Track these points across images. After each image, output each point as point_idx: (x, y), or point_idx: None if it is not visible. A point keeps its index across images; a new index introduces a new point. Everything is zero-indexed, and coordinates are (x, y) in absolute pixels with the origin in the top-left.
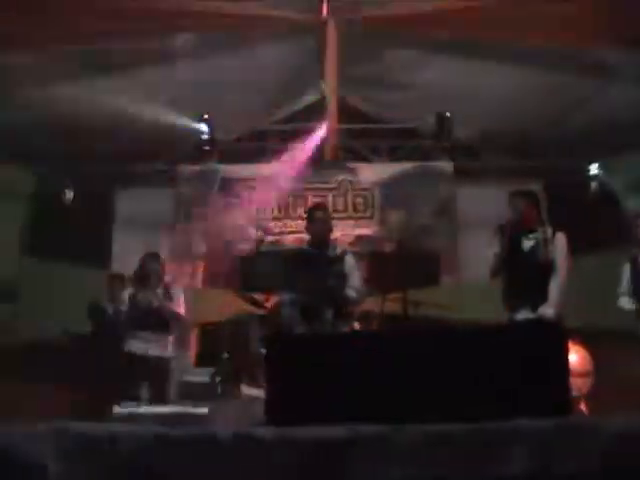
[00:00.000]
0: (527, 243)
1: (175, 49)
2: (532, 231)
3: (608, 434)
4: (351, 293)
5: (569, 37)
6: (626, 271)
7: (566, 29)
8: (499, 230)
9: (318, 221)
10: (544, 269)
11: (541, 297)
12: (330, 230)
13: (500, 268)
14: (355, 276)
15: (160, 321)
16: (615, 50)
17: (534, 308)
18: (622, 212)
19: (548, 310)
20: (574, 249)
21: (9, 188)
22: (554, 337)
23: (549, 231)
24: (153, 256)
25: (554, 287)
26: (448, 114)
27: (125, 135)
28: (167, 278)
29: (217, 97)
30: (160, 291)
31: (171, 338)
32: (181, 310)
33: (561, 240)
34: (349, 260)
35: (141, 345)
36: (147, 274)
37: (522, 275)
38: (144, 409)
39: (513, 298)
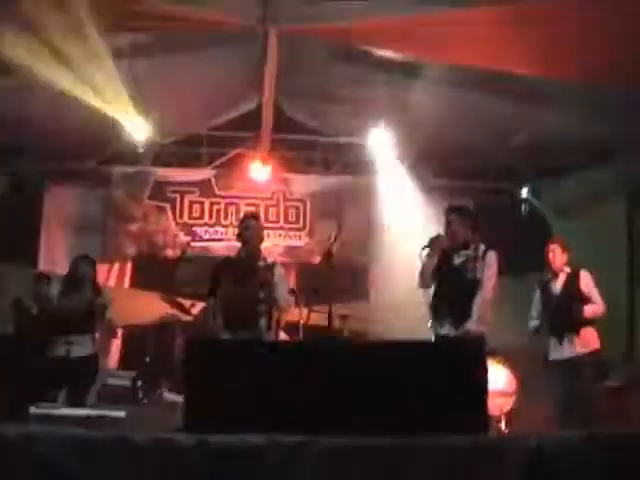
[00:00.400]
0: (457, 259)
1: (114, 47)
2: (465, 247)
3: (524, 451)
4: (279, 302)
5: (506, 62)
6: (536, 295)
7: (502, 54)
8: (430, 243)
9: (250, 230)
10: (471, 286)
11: (466, 314)
12: (261, 239)
13: (430, 280)
14: (282, 286)
15: (87, 323)
16: (549, 79)
17: (458, 324)
18: (548, 236)
19: (471, 326)
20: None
21: None
22: (474, 354)
23: (481, 248)
24: (84, 259)
25: (477, 304)
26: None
27: (56, 132)
28: (98, 281)
29: (155, 99)
30: (89, 294)
31: (96, 341)
32: (109, 314)
33: (491, 258)
34: (278, 270)
35: (66, 347)
36: (77, 276)
37: (450, 291)
38: (61, 411)
39: (439, 313)
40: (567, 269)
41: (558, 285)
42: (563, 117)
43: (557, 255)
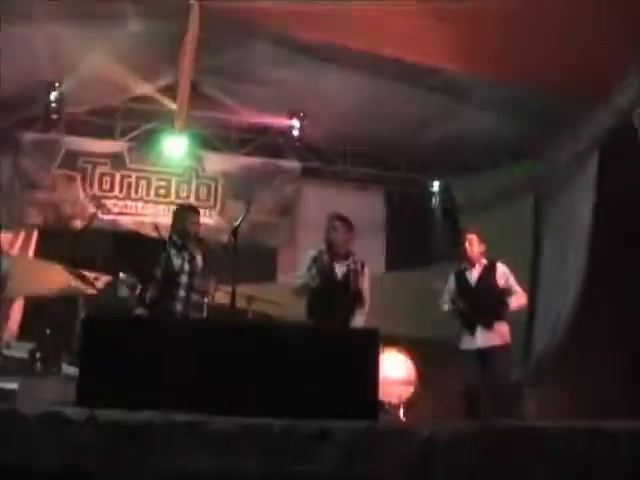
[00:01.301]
0: (339, 269)
1: (31, 10)
2: (345, 257)
3: (414, 440)
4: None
5: (428, 56)
6: (450, 283)
7: (426, 47)
8: (313, 260)
9: (193, 225)
10: (353, 294)
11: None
12: (197, 224)
13: (305, 291)
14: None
15: None
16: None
17: None
18: (456, 230)
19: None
20: (410, 261)
21: None
22: (366, 343)
23: (359, 261)
24: None
25: (359, 319)
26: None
27: None
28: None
29: (72, 65)
30: None
31: None
32: (8, 282)
33: (367, 272)
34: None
35: None
36: None
37: (328, 299)
38: None
39: (319, 317)
40: (484, 261)
41: (474, 276)
42: (477, 115)
43: (474, 245)
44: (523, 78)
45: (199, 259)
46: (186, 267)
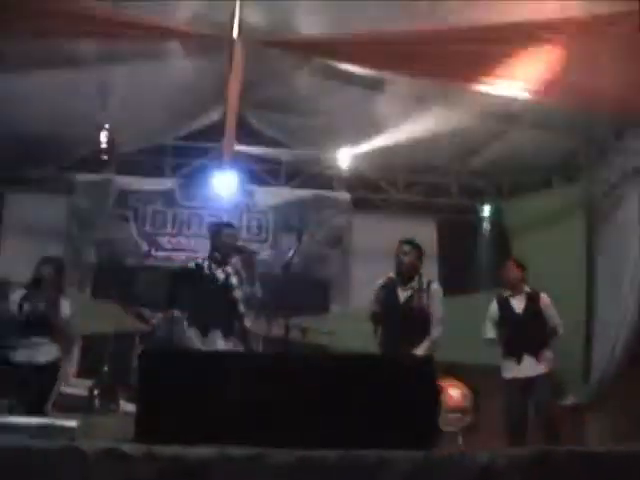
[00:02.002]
0: (403, 294)
1: (79, 54)
2: (410, 280)
3: (473, 468)
4: (241, 310)
5: (476, 79)
6: (492, 310)
7: (472, 71)
8: (383, 285)
9: (229, 237)
10: (418, 316)
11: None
12: (239, 249)
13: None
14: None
15: (45, 327)
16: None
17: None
18: (508, 253)
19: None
20: (461, 286)
21: None
22: (424, 371)
23: (424, 281)
24: (48, 260)
25: (431, 338)
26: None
27: (19, 138)
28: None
29: (121, 107)
30: (52, 297)
31: (55, 346)
32: (65, 317)
33: (437, 291)
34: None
35: (26, 352)
36: (39, 278)
37: (398, 325)
38: (9, 419)
39: (389, 344)
40: (527, 289)
41: (519, 304)
42: (526, 135)
43: (511, 271)
44: (573, 99)
45: (243, 271)
46: (232, 280)
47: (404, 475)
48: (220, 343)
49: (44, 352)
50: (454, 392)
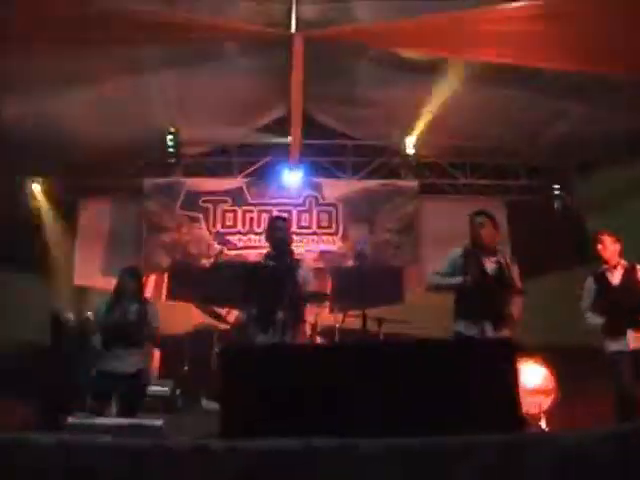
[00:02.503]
0: (490, 266)
1: (142, 61)
2: (493, 253)
3: (558, 450)
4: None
5: (537, 57)
6: (589, 287)
7: (535, 48)
8: (464, 254)
9: (278, 230)
10: (505, 292)
11: (504, 317)
12: (289, 240)
13: (442, 288)
14: (310, 283)
15: (134, 336)
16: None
17: (497, 327)
18: (583, 231)
19: (505, 331)
20: (537, 268)
21: None
22: (505, 354)
23: (507, 256)
24: (129, 270)
25: (515, 311)
26: (413, 131)
27: (88, 147)
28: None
29: (184, 110)
30: (136, 306)
31: (143, 354)
32: (154, 326)
33: (515, 266)
34: (303, 267)
35: (113, 361)
36: (123, 289)
37: (482, 296)
38: (98, 420)
39: (473, 314)
40: (623, 262)
41: (616, 278)
42: (596, 112)
43: (608, 245)
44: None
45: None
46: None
47: (489, 460)
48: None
49: (132, 362)
50: (538, 373)
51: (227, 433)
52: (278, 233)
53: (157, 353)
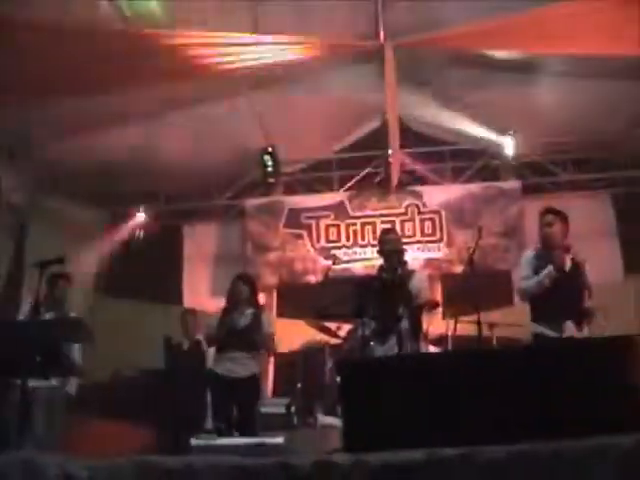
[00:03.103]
0: (564, 264)
1: (236, 83)
2: (565, 251)
3: None
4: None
5: (632, 47)
6: None
7: (629, 38)
8: (536, 255)
9: (388, 243)
10: (581, 290)
11: (580, 316)
12: (402, 252)
13: (535, 292)
14: (424, 292)
15: (248, 343)
16: None
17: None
18: None
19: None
20: None
21: (82, 229)
22: (629, 352)
23: (579, 253)
24: (241, 278)
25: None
26: (512, 132)
27: (188, 172)
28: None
29: (280, 129)
30: (250, 310)
31: (255, 361)
32: (267, 332)
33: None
34: (417, 277)
35: (229, 365)
36: (236, 294)
37: (562, 295)
38: (220, 441)
39: (551, 315)
40: None
41: None
42: None
43: None
44: None
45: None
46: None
47: (617, 461)
48: (396, 349)
49: (247, 365)
50: None
51: (350, 447)
52: (388, 245)
53: (270, 370)
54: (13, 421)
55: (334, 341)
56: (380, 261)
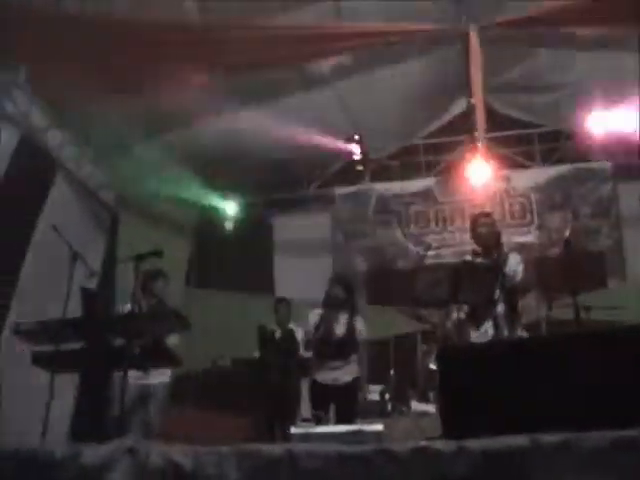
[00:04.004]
0: None
1: (321, 73)
2: None
3: None
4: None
5: None
6: None
7: None
8: None
9: (482, 227)
10: None
11: None
12: (497, 235)
13: None
14: (520, 275)
15: (344, 350)
16: None
17: None
18: None
19: None
20: None
21: (175, 222)
22: None
23: None
24: (337, 279)
25: None
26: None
27: (276, 163)
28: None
29: (366, 116)
30: (345, 316)
31: (355, 364)
32: (360, 336)
33: None
34: (512, 259)
35: (326, 372)
36: (330, 301)
37: None
38: (320, 429)
39: None
40: None
41: None
42: None
43: None
44: None
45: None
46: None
47: None
48: (491, 333)
49: (347, 371)
50: None
51: (450, 433)
52: (482, 229)
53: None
54: (114, 412)
55: (426, 327)
56: (472, 245)
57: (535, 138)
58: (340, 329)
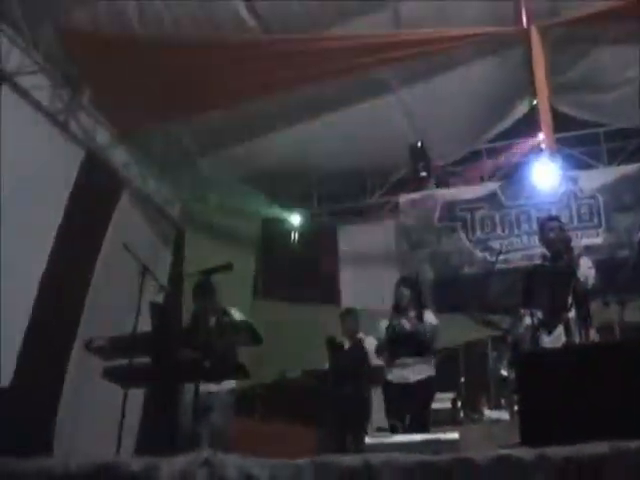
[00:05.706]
0: None
1: (383, 81)
2: None
3: None
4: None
5: None
6: None
7: None
8: None
9: (550, 231)
10: None
11: None
12: (567, 239)
13: None
14: (591, 279)
15: (416, 348)
16: None
17: None
18: None
19: None
20: None
21: (240, 235)
22: None
23: None
24: (403, 280)
25: None
26: None
27: (340, 173)
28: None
29: (429, 122)
30: (413, 314)
31: (426, 364)
32: (430, 334)
33: None
34: (584, 263)
35: (401, 374)
36: (400, 300)
37: None
38: (395, 438)
39: None
40: None
41: None
42: None
43: None
44: None
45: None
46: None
47: None
48: (563, 339)
49: (419, 370)
50: None
51: (528, 441)
52: (550, 234)
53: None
54: (187, 424)
55: (497, 333)
56: (540, 249)
57: (601, 137)
58: (408, 324)
